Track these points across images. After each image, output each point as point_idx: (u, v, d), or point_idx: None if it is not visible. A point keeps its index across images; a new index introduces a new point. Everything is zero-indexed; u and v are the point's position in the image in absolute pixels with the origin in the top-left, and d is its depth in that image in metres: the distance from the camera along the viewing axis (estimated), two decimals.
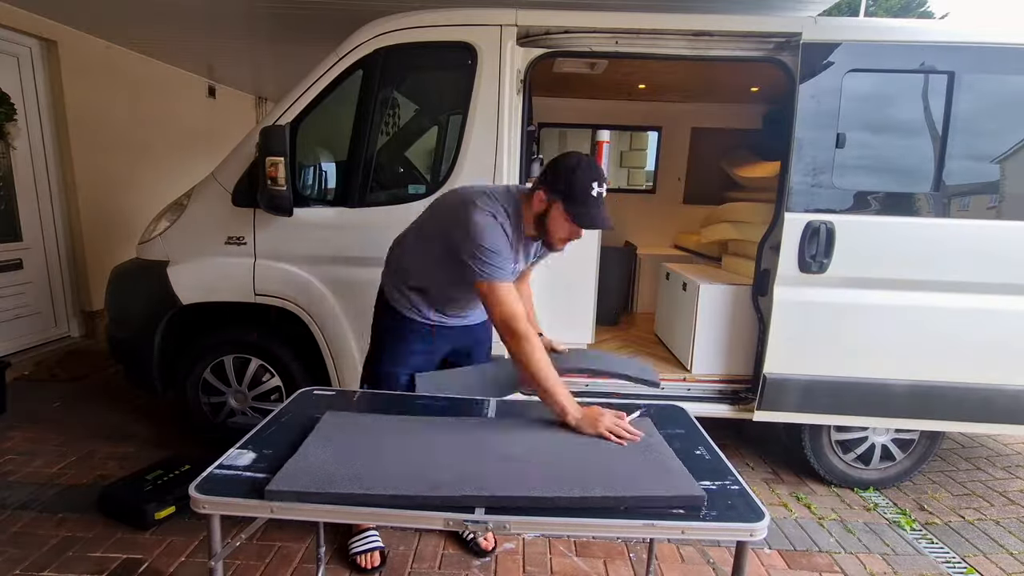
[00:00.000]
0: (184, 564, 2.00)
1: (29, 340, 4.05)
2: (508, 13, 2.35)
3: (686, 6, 2.98)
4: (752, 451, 3.04)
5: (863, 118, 2.30)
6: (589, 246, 3.08)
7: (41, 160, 4.05)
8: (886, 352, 2.41)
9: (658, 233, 5.07)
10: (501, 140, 2.40)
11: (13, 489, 2.43)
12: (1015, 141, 2.28)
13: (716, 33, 2.36)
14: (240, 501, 1.10)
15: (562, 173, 1.58)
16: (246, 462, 1.22)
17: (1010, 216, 2.31)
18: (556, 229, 1.63)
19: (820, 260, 2.34)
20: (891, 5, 18.20)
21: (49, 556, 2.02)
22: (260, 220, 2.49)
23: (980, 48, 2.25)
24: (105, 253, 4.39)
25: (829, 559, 2.20)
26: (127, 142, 4.78)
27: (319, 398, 1.61)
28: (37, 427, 3.02)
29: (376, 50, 2.39)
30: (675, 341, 3.25)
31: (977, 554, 2.27)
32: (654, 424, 1.53)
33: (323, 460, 1.20)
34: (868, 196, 2.33)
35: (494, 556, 2.11)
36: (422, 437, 1.38)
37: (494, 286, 1.56)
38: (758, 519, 1.10)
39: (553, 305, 3.09)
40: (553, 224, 1.62)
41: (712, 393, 2.72)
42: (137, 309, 2.67)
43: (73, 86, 4.14)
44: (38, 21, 3.84)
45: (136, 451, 2.79)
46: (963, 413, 2.45)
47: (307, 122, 2.45)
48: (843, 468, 2.71)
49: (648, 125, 5.01)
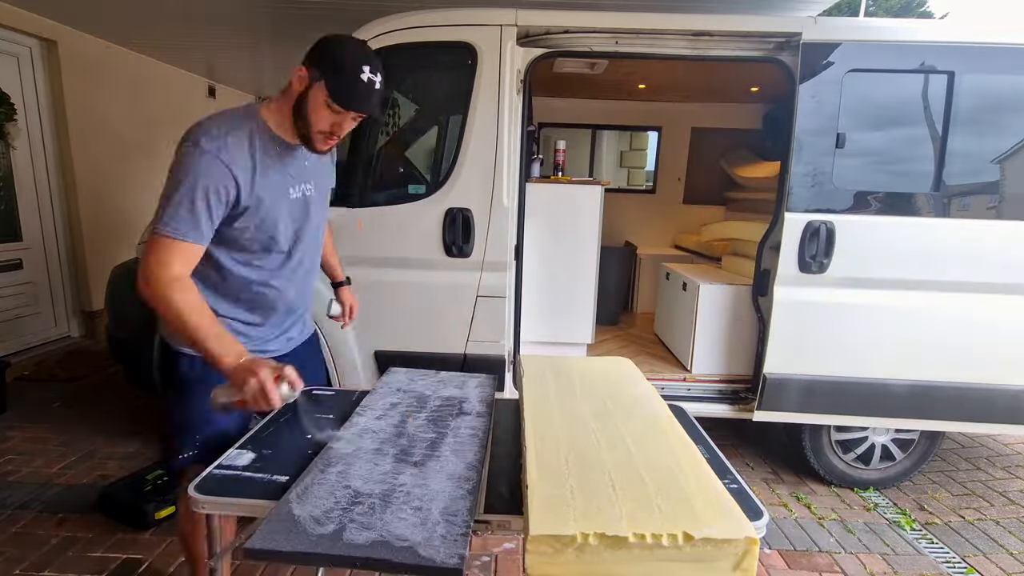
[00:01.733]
0: (184, 564, 2.00)
1: (29, 340, 4.05)
2: (508, 13, 2.35)
3: (686, 6, 2.99)
4: (752, 451, 3.04)
5: (863, 118, 2.31)
6: (589, 246, 3.09)
7: (41, 160, 4.05)
8: (886, 352, 2.41)
9: (658, 233, 5.08)
10: (501, 140, 2.40)
11: (13, 489, 2.43)
12: (1015, 141, 2.28)
13: (716, 33, 2.36)
14: (239, 501, 1.10)
15: (330, 49, 1.30)
16: (245, 462, 1.22)
17: (1010, 216, 2.31)
18: (316, 119, 1.32)
19: (820, 260, 2.34)
20: (891, 5, 18.20)
21: (49, 556, 2.02)
22: None
23: (980, 48, 2.25)
24: (105, 253, 4.40)
25: (829, 559, 2.20)
26: (127, 142, 4.78)
27: (319, 398, 1.61)
28: (37, 427, 3.02)
29: (376, 50, 2.38)
30: (675, 341, 3.26)
31: (977, 554, 2.27)
32: None
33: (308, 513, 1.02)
34: (868, 196, 2.34)
35: (494, 556, 2.11)
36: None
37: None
38: (757, 518, 1.10)
39: (553, 305, 3.11)
40: (313, 112, 1.31)
41: (712, 393, 2.72)
42: (137, 309, 2.65)
43: (73, 86, 4.14)
44: (38, 21, 3.84)
45: (136, 451, 2.79)
46: (963, 413, 2.45)
47: None
48: (843, 468, 2.71)
49: (648, 125, 5.01)
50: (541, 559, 0.89)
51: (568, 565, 0.89)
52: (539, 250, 3.02)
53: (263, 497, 1.09)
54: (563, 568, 0.89)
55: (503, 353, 2.54)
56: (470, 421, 1.42)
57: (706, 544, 0.88)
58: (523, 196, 2.51)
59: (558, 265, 3.08)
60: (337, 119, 1.33)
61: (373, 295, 2.52)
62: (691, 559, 0.89)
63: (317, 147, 1.38)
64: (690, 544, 0.88)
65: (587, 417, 1.33)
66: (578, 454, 1.14)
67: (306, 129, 1.34)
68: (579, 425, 1.29)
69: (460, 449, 1.27)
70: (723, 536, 0.88)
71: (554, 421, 1.30)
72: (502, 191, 2.42)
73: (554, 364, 1.69)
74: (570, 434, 1.24)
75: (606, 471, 1.07)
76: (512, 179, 2.44)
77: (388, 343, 2.56)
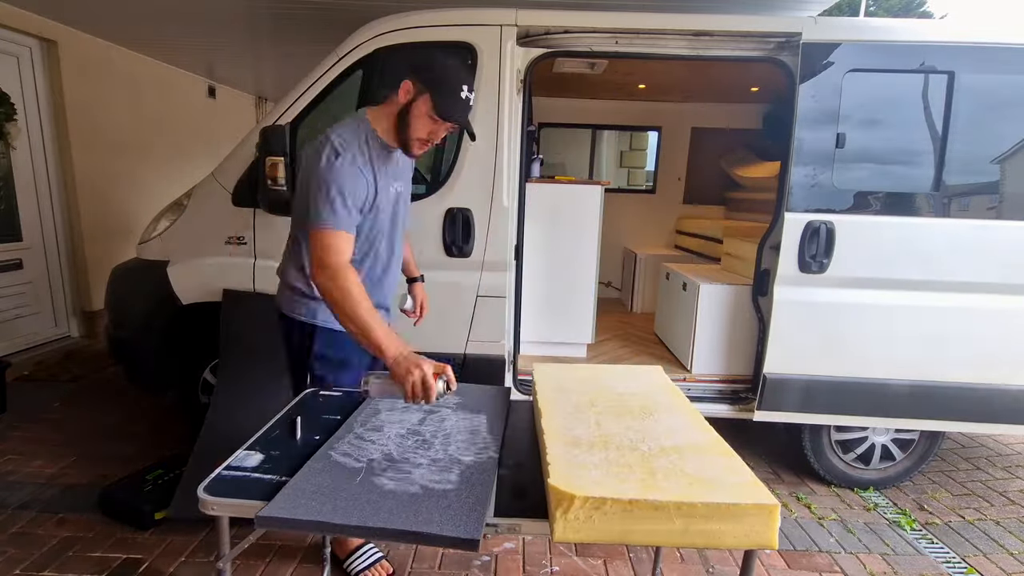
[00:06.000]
0: (184, 564, 2.00)
1: (29, 340, 4.05)
2: (508, 13, 2.35)
3: (686, 6, 2.98)
4: (752, 451, 3.04)
5: (863, 118, 2.30)
6: (589, 246, 3.09)
7: (41, 160, 4.05)
8: (886, 352, 2.41)
9: (658, 233, 5.08)
10: (501, 140, 2.40)
11: (13, 489, 2.43)
12: (1015, 141, 2.28)
13: (716, 33, 2.36)
14: (249, 503, 1.09)
15: (435, 65, 1.53)
16: (254, 463, 1.22)
17: (1010, 216, 2.31)
18: (417, 127, 1.53)
19: (820, 260, 2.34)
20: (891, 5, 18.20)
21: (49, 556, 2.02)
22: (260, 220, 2.49)
23: (980, 48, 2.25)
24: (105, 253, 4.40)
25: (829, 559, 2.20)
26: (127, 142, 4.78)
27: (325, 399, 1.61)
28: (37, 427, 3.02)
29: (376, 50, 2.39)
30: (675, 341, 3.26)
31: (977, 554, 2.27)
32: None
33: (322, 484, 1.13)
34: (868, 196, 2.33)
35: (494, 556, 2.12)
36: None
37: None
38: None
39: (553, 305, 3.11)
40: (415, 120, 1.52)
41: (712, 393, 2.72)
42: (137, 309, 2.67)
43: (73, 86, 4.14)
44: (38, 21, 3.84)
45: (136, 451, 2.79)
46: (963, 413, 2.45)
47: (307, 122, 2.45)
48: (843, 468, 2.71)
49: (648, 125, 5.02)
50: (574, 524, 0.97)
51: (608, 523, 0.97)
52: (539, 250, 3.02)
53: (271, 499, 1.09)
54: (602, 527, 0.97)
55: (503, 353, 2.54)
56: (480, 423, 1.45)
57: (731, 508, 0.97)
58: (523, 196, 2.51)
59: (558, 265, 3.08)
60: (434, 128, 1.54)
61: None
62: (717, 519, 0.98)
63: (413, 151, 1.58)
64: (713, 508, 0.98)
65: (605, 411, 1.38)
66: (602, 436, 1.23)
67: (406, 135, 1.54)
68: (596, 415, 1.34)
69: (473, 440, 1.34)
70: (749, 500, 0.98)
71: (577, 416, 1.35)
72: (502, 191, 2.42)
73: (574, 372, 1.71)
74: (589, 425, 1.29)
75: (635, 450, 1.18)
76: (512, 179, 2.44)
77: None
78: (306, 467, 1.19)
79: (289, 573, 1.99)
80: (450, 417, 1.48)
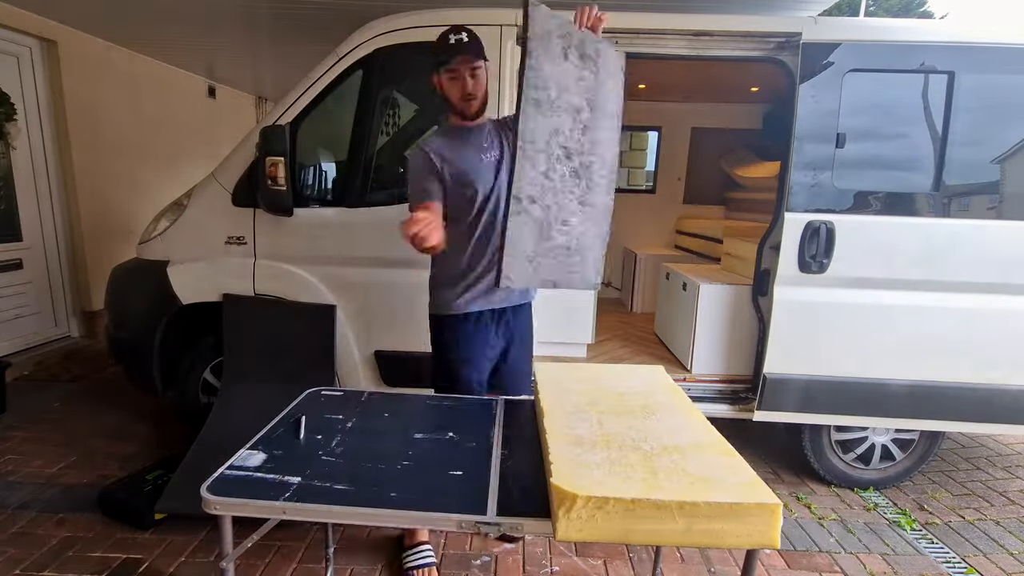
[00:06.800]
0: (184, 564, 2.00)
1: (29, 340, 4.05)
2: (508, 13, 2.35)
3: (686, 6, 2.98)
4: (752, 451, 3.04)
5: (863, 118, 2.30)
6: None
7: (41, 160, 4.05)
8: (886, 352, 2.41)
9: (658, 233, 5.08)
10: None
11: (13, 489, 2.43)
12: (1015, 141, 2.28)
13: (716, 33, 2.36)
14: (253, 503, 1.09)
15: (434, 51, 1.76)
16: (257, 463, 1.22)
17: (1010, 216, 2.31)
18: (451, 94, 1.77)
19: (820, 260, 2.34)
20: (891, 5, 18.20)
21: (49, 556, 2.02)
22: (260, 220, 2.49)
23: (980, 48, 2.25)
24: (105, 253, 4.40)
25: (829, 559, 2.20)
26: (127, 142, 4.78)
27: (327, 399, 1.61)
28: (37, 427, 3.02)
29: (376, 50, 2.39)
30: (675, 341, 3.25)
31: (977, 554, 2.27)
32: None
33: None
34: (868, 196, 2.33)
35: (494, 556, 2.12)
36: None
37: None
38: None
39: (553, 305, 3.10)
40: (447, 91, 1.77)
41: (712, 393, 2.72)
42: (137, 309, 2.67)
43: (73, 86, 4.14)
44: (38, 21, 3.84)
45: (136, 451, 2.79)
46: (963, 413, 2.45)
47: (307, 122, 2.45)
48: (843, 468, 2.71)
49: (648, 125, 5.01)
50: (576, 523, 0.98)
51: (609, 523, 0.98)
52: None
53: (274, 498, 1.09)
54: (605, 526, 0.98)
55: None
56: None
57: (733, 508, 0.99)
58: None
59: None
60: (459, 83, 1.74)
61: (373, 295, 2.52)
62: (719, 519, 0.99)
63: (466, 112, 1.79)
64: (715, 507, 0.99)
65: (608, 411, 1.39)
66: (604, 435, 1.24)
67: (452, 105, 1.79)
68: (597, 415, 1.34)
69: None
70: (751, 500, 1.00)
71: (579, 416, 1.35)
72: None
73: (575, 371, 1.70)
74: (591, 424, 1.29)
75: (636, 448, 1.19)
76: None
77: (388, 343, 2.55)
78: None
79: (289, 573, 1.99)
80: None
